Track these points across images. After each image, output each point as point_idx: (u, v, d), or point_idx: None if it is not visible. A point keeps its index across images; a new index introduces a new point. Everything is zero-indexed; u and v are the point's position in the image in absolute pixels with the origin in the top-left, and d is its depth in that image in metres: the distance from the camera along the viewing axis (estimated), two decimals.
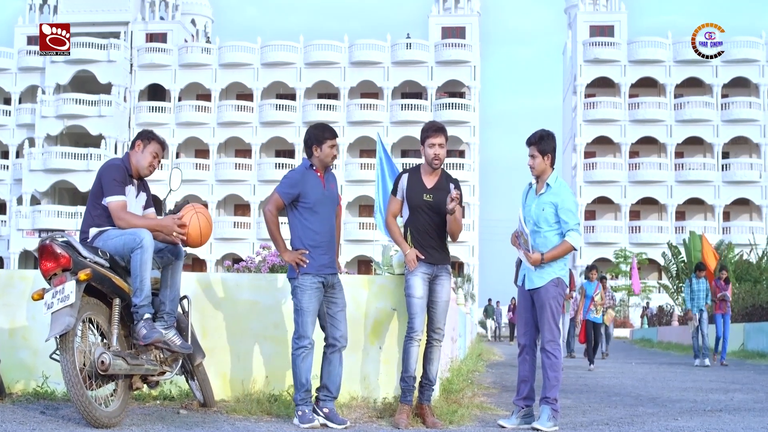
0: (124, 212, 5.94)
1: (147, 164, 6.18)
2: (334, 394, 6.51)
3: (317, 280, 6.39)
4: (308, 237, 6.43)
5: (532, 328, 6.77)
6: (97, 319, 5.79)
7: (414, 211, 6.61)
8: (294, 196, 6.43)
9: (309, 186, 6.44)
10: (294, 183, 6.45)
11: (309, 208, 6.43)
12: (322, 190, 6.49)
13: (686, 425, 7.09)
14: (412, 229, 6.61)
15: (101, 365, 5.54)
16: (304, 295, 6.36)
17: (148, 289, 5.85)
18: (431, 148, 6.60)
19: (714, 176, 59.75)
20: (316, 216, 6.45)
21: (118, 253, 5.86)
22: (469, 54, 62.37)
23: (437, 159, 6.60)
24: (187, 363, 6.60)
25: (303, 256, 6.36)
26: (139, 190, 6.26)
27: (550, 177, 6.74)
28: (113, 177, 5.99)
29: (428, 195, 6.60)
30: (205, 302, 7.38)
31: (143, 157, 6.17)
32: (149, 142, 6.20)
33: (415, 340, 6.59)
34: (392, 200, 6.72)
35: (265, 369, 7.32)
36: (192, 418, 6.40)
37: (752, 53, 60.59)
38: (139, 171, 6.19)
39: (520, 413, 6.77)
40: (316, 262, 6.40)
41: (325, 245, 6.47)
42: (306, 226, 6.44)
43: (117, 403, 5.83)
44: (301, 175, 6.49)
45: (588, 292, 17.09)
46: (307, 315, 6.36)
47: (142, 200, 6.28)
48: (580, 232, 6.76)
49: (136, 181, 6.23)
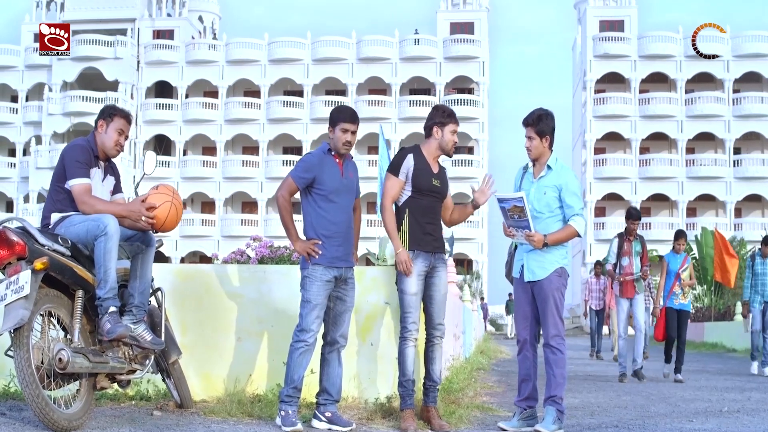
0: (88, 196, 5.45)
1: (113, 143, 5.67)
2: (336, 397, 6.05)
3: (329, 272, 5.91)
4: (322, 226, 5.94)
5: (532, 322, 6.26)
6: (58, 312, 5.29)
7: (419, 194, 6.15)
8: (308, 180, 5.95)
9: (326, 172, 5.96)
10: (309, 167, 5.97)
11: (324, 196, 5.95)
12: (340, 178, 6.00)
13: (702, 427, 6.59)
14: (412, 213, 6.13)
15: (59, 363, 5.04)
16: (313, 287, 5.88)
17: (113, 280, 5.35)
18: (452, 135, 6.24)
19: (725, 172, 59.01)
20: (332, 205, 5.96)
21: (80, 240, 5.36)
22: (477, 50, 61.82)
23: (455, 146, 6.28)
24: (161, 361, 6.12)
25: (315, 246, 5.88)
26: (106, 173, 5.76)
27: (550, 159, 6.23)
28: (76, 158, 5.49)
29: (436, 180, 6.20)
30: (185, 295, 6.90)
31: (108, 136, 5.67)
32: (112, 119, 5.69)
33: (410, 340, 6.13)
34: (394, 180, 6.16)
35: (248, 367, 6.84)
36: (165, 420, 5.91)
37: (763, 48, 59.80)
38: (105, 152, 5.70)
39: (522, 415, 6.27)
40: (329, 253, 5.91)
41: (341, 237, 5.98)
42: (320, 214, 5.95)
43: (79, 405, 5.32)
44: (318, 159, 6.00)
45: (671, 267, 12.19)
46: (314, 308, 5.88)
47: (109, 184, 5.78)
48: (585, 217, 6.26)
49: (103, 163, 5.73)
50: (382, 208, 6.21)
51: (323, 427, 5.93)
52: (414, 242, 6.11)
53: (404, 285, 6.09)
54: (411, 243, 6.11)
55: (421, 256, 6.11)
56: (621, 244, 11.60)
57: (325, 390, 6.04)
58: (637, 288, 11.52)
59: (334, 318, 6.05)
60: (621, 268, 11.57)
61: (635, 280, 11.52)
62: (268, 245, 8.80)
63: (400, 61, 61.90)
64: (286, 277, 6.99)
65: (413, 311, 6.10)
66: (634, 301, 11.63)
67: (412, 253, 6.09)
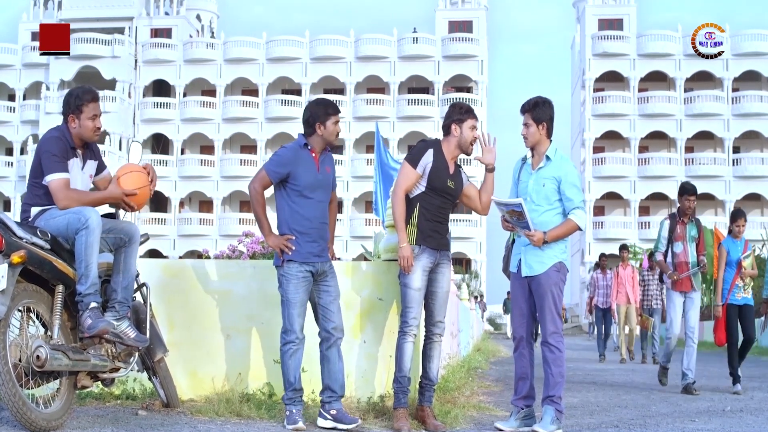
0: (66, 191, 5.24)
1: (90, 132, 5.46)
2: (339, 392, 5.87)
3: (304, 268, 5.75)
4: (296, 222, 5.78)
5: (529, 318, 6.06)
6: (37, 308, 5.08)
7: (432, 192, 5.97)
8: (283, 175, 5.78)
9: (301, 167, 5.78)
10: (284, 162, 5.80)
11: (299, 192, 5.78)
12: (316, 173, 5.82)
13: (704, 427, 6.40)
14: (423, 208, 5.94)
15: (37, 360, 4.83)
16: (290, 285, 5.73)
17: (94, 275, 5.15)
18: (472, 131, 6.05)
19: (725, 171, 58.83)
20: (307, 200, 5.79)
21: (61, 234, 5.16)
22: (476, 48, 61.64)
23: (474, 142, 6.08)
24: (146, 358, 5.92)
25: (289, 242, 5.71)
26: (86, 158, 5.55)
27: (548, 149, 6.03)
28: (52, 152, 5.27)
29: (451, 181, 6.03)
30: (172, 292, 6.70)
31: (83, 126, 5.45)
32: (81, 112, 5.46)
33: (410, 336, 5.95)
34: (411, 171, 5.96)
35: (237, 365, 6.64)
36: (150, 420, 5.71)
37: (763, 46, 59.62)
38: (84, 139, 5.50)
39: (519, 415, 6.08)
40: (303, 249, 5.75)
41: (315, 233, 5.81)
42: (294, 210, 5.78)
43: (59, 404, 5.12)
44: (293, 153, 5.83)
45: (732, 255, 9.90)
46: (294, 307, 5.73)
47: (91, 169, 5.58)
48: (585, 210, 6.05)
49: (81, 150, 5.53)
50: (394, 196, 6.01)
51: (328, 425, 5.76)
52: (422, 237, 5.94)
53: (408, 279, 5.90)
54: (418, 238, 5.94)
55: (427, 252, 5.95)
56: (673, 227, 9.51)
57: (328, 387, 5.87)
58: (693, 282, 9.44)
59: (323, 311, 5.87)
60: (674, 256, 9.49)
61: (692, 274, 9.42)
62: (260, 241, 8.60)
63: (399, 59, 61.74)
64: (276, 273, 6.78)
65: (415, 306, 5.92)
66: (689, 299, 9.54)
67: (418, 248, 5.92)
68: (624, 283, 16.57)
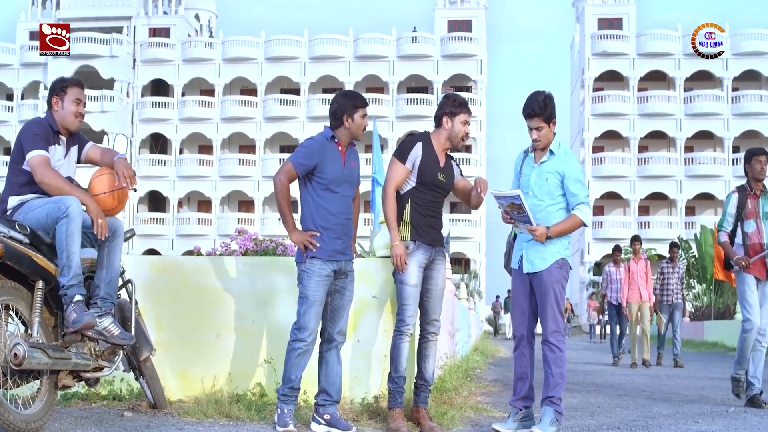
0: (47, 167, 5.07)
1: (72, 115, 5.31)
2: (335, 397, 5.69)
3: (328, 266, 5.57)
4: (321, 217, 5.59)
5: (530, 317, 5.86)
6: (16, 305, 4.88)
7: (423, 186, 5.81)
8: (309, 168, 5.59)
9: (328, 160, 5.61)
10: (311, 153, 5.60)
11: (325, 186, 5.60)
12: (342, 167, 5.65)
13: (708, 429, 6.23)
14: (415, 204, 5.79)
15: (14, 358, 4.62)
16: (311, 282, 5.53)
17: (77, 266, 4.94)
18: (464, 126, 5.93)
19: (724, 171, 58.65)
20: (333, 195, 5.61)
21: (41, 226, 4.96)
22: (475, 47, 61.50)
23: (466, 138, 5.95)
24: (132, 358, 5.72)
25: (313, 238, 5.53)
26: (69, 146, 5.38)
27: (552, 143, 5.82)
28: (33, 131, 5.13)
29: (441, 174, 5.87)
30: (160, 289, 6.52)
31: (66, 110, 5.30)
32: (65, 92, 5.32)
33: (406, 335, 5.79)
34: (400, 167, 5.81)
35: (227, 365, 6.45)
36: (135, 421, 5.53)
37: (763, 46, 59.50)
38: (66, 126, 5.32)
39: (518, 416, 5.88)
40: (327, 246, 5.57)
41: (339, 229, 5.63)
42: (320, 204, 5.60)
43: (39, 405, 4.92)
44: (320, 146, 5.64)
45: None
46: (313, 305, 5.53)
47: (74, 156, 5.42)
48: (590, 205, 5.85)
49: (65, 138, 5.35)
50: (384, 194, 5.84)
51: (322, 430, 5.58)
52: (416, 233, 5.79)
53: (404, 276, 5.74)
54: (413, 234, 5.78)
55: (422, 248, 5.79)
56: (742, 202, 7.90)
57: (324, 390, 5.69)
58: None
59: (332, 313, 5.70)
60: (744, 237, 7.89)
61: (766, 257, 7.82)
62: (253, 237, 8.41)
63: (398, 59, 61.59)
64: (268, 270, 6.61)
65: (412, 304, 5.77)
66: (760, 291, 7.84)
67: (413, 244, 5.77)
68: (636, 279, 14.90)
